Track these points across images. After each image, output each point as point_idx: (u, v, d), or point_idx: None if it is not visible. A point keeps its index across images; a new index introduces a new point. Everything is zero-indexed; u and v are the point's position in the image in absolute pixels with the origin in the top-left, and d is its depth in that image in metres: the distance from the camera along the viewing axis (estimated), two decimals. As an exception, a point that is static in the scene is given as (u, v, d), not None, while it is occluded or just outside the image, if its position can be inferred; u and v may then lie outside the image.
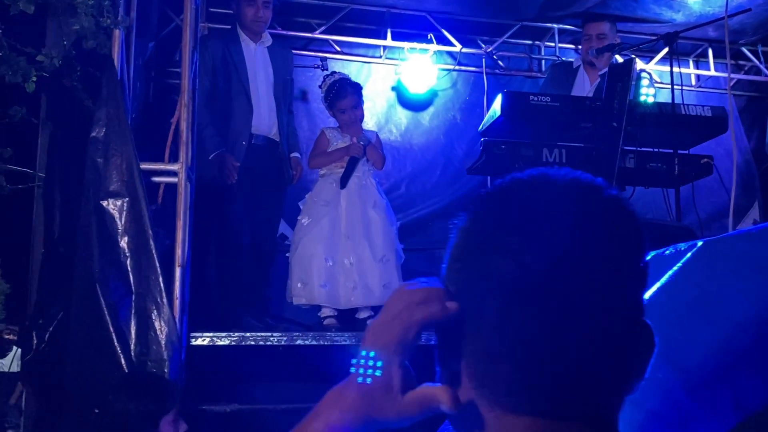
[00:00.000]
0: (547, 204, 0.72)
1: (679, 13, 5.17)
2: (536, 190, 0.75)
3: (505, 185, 0.78)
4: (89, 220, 2.82)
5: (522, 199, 0.74)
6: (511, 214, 0.73)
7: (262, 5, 4.06)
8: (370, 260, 3.68)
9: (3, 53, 3.58)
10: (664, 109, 4.07)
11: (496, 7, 5.35)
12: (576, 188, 0.75)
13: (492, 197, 0.78)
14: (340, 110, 3.98)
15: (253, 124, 4.05)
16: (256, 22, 4.08)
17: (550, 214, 0.70)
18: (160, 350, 2.73)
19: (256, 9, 4.06)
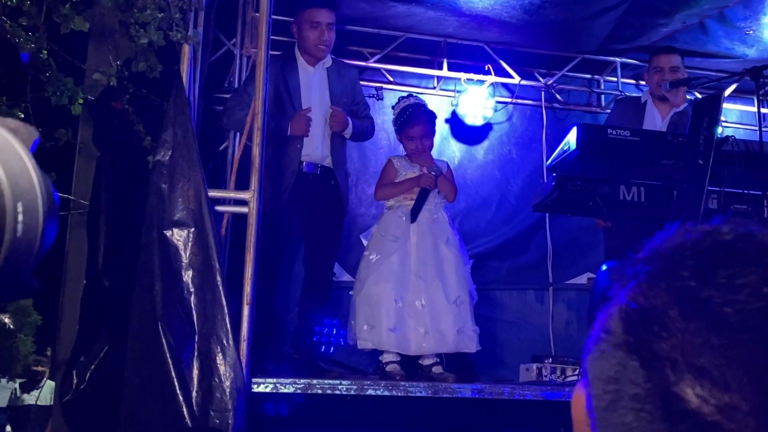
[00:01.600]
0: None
1: (752, 48, 4.93)
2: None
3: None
4: (151, 251, 2.57)
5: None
6: None
7: (326, 28, 3.85)
8: (443, 302, 3.38)
9: (51, 73, 3.40)
10: (752, 148, 3.81)
11: (556, 39, 5.14)
12: None
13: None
14: (409, 137, 3.72)
15: (304, 152, 3.81)
16: (319, 46, 3.86)
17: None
18: (224, 398, 2.45)
19: (321, 32, 3.84)
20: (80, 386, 3.19)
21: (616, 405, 0.51)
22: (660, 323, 0.50)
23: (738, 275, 0.50)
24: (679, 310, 0.50)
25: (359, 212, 5.05)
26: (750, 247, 0.51)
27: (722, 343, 0.48)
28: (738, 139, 3.86)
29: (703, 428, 0.47)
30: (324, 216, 3.83)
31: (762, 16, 4.60)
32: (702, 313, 0.49)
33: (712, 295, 0.49)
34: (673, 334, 0.49)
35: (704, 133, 3.67)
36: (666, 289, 0.51)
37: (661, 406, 0.49)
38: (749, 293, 0.49)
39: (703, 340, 0.48)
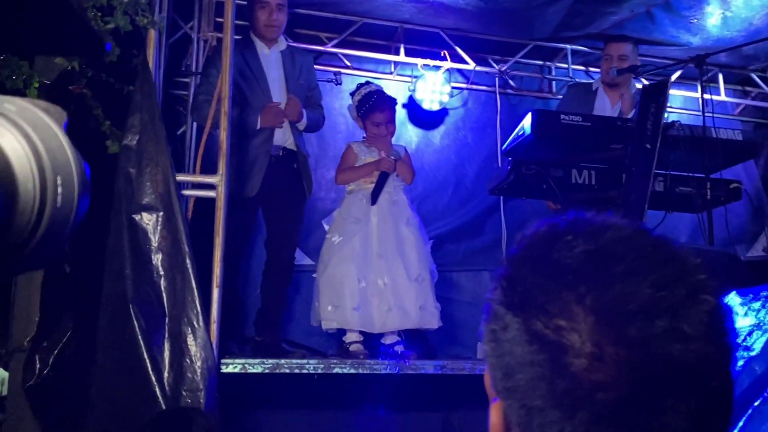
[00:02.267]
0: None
1: (696, 36, 5.13)
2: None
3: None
4: (120, 235, 2.59)
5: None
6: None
7: (275, 8, 3.88)
8: (405, 280, 3.48)
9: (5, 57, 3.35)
10: (696, 132, 3.98)
11: (510, 26, 5.25)
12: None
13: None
14: (375, 123, 3.80)
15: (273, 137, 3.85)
16: (269, 26, 3.89)
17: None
18: (196, 379, 2.50)
19: (270, 12, 3.87)
20: (44, 371, 3.18)
21: (501, 348, 0.68)
22: (521, 281, 0.68)
23: (572, 242, 0.68)
24: (532, 268, 0.68)
25: (319, 196, 5.09)
26: (583, 226, 0.70)
27: (558, 286, 0.65)
28: (683, 124, 4.03)
29: (556, 348, 0.63)
30: (286, 199, 3.87)
31: (705, 6, 4.79)
32: (544, 268, 0.68)
33: (554, 256, 0.68)
34: (528, 287, 0.67)
35: (652, 119, 3.82)
36: (525, 259, 0.70)
37: (529, 342, 0.65)
38: (581, 251, 0.67)
39: (545, 286, 0.66)
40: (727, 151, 4.00)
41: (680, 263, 0.67)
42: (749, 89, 6.05)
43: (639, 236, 0.69)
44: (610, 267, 0.65)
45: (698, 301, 0.64)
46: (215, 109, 2.92)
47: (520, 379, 0.66)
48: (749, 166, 5.72)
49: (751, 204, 5.67)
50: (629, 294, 0.63)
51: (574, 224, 0.71)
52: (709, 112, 4.02)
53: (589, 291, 0.64)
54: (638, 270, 0.65)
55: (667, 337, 0.62)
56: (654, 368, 0.62)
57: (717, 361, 0.64)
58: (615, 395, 0.62)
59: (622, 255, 0.66)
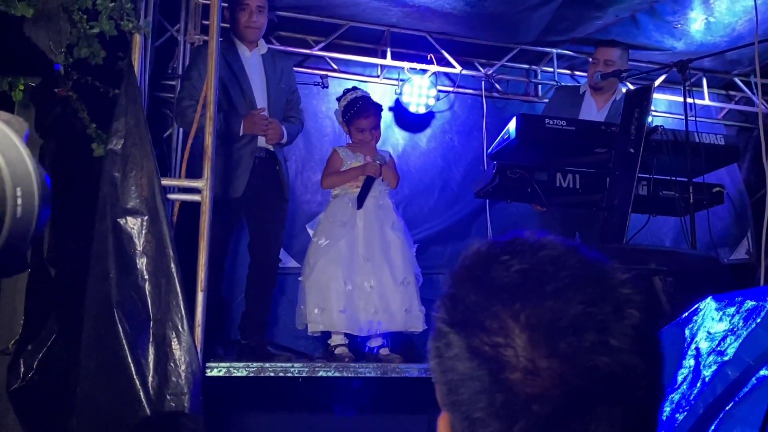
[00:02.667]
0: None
1: (680, 41, 5.17)
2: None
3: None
4: (105, 239, 2.59)
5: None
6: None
7: (255, 10, 3.89)
8: (391, 284, 3.51)
9: (-11, 59, 3.34)
10: (679, 137, 4.02)
11: (496, 30, 5.28)
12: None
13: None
14: (359, 129, 3.83)
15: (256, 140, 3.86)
16: (249, 28, 3.91)
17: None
18: (180, 382, 2.51)
19: (249, 14, 3.89)
20: (28, 374, 3.18)
21: (445, 364, 0.72)
22: (461, 300, 0.72)
23: (508, 261, 0.72)
24: (471, 287, 0.72)
25: (305, 199, 5.11)
26: (519, 246, 0.74)
27: (495, 304, 0.70)
28: (666, 128, 4.07)
29: (495, 363, 0.68)
30: (268, 201, 3.88)
31: (689, 11, 4.84)
32: (482, 287, 0.72)
33: (492, 275, 0.72)
34: (468, 306, 0.71)
35: (635, 123, 3.86)
36: (465, 278, 0.74)
37: (470, 359, 0.69)
38: (516, 270, 0.71)
39: (483, 304, 0.70)
40: (709, 155, 4.04)
41: (607, 280, 0.71)
42: (733, 93, 6.11)
43: (570, 255, 0.73)
44: (542, 285, 0.70)
45: (624, 316, 0.69)
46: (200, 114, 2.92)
47: (463, 393, 0.69)
48: (732, 169, 5.79)
49: (734, 207, 5.74)
50: (560, 310, 0.68)
51: (511, 244, 0.75)
52: (692, 116, 4.07)
53: (524, 308, 0.68)
54: (568, 288, 0.69)
55: (595, 350, 0.66)
56: (584, 380, 0.66)
57: (643, 372, 0.68)
58: (549, 407, 0.66)
59: (554, 273, 0.70)
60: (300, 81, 5.07)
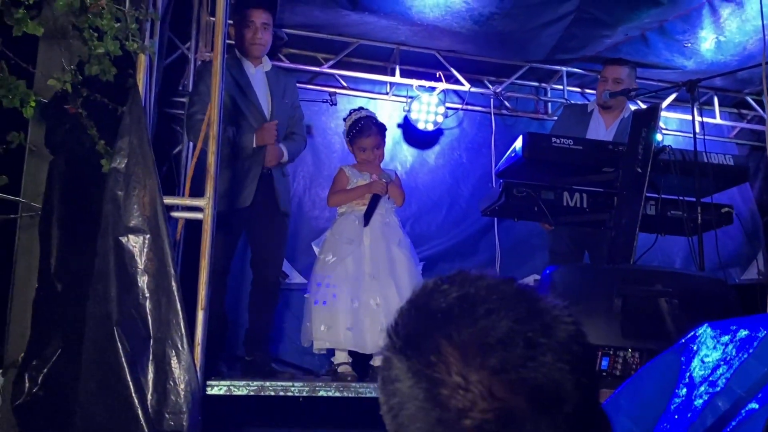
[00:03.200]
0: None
1: (690, 60, 5.15)
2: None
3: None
4: (107, 257, 2.61)
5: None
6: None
7: (260, 27, 3.93)
8: (398, 301, 3.49)
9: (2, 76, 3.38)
10: (687, 157, 4.00)
11: (505, 48, 5.29)
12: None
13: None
14: (361, 148, 3.86)
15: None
16: (254, 44, 3.94)
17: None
18: (179, 401, 2.51)
19: (255, 31, 3.92)
20: (32, 390, 3.19)
21: (389, 389, 0.75)
22: (403, 327, 0.76)
23: (448, 290, 0.76)
24: (412, 315, 0.76)
25: (313, 215, 5.12)
26: (461, 277, 0.78)
27: (431, 327, 0.73)
28: (674, 148, 4.05)
29: (430, 381, 0.71)
30: (268, 216, 3.89)
31: (699, 30, 4.82)
32: (421, 312, 0.76)
33: (430, 302, 0.76)
34: (408, 331, 0.75)
35: (643, 143, 3.84)
36: (408, 308, 0.78)
37: (410, 379, 0.72)
38: (453, 297, 0.75)
39: (420, 328, 0.74)
40: (718, 175, 4.01)
41: (538, 302, 0.75)
42: (745, 112, 6.08)
43: (505, 283, 0.77)
44: (474, 306, 0.74)
45: (552, 333, 0.72)
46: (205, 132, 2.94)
47: (404, 416, 0.73)
48: (744, 189, 5.74)
49: (745, 227, 5.68)
50: (490, 328, 0.71)
51: (454, 276, 0.80)
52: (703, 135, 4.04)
53: (456, 328, 0.72)
54: (499, 309, 0.73)
55: (522, 364, 0.69)
56: (512, 393, 0.68)
57: (573, 388, 0.70)
58: (479, 420, 0.68)
59: (486, 297, 0.75)
60: (309, 98, 5.12)
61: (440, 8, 4.56)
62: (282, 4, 4.57)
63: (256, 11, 3.92)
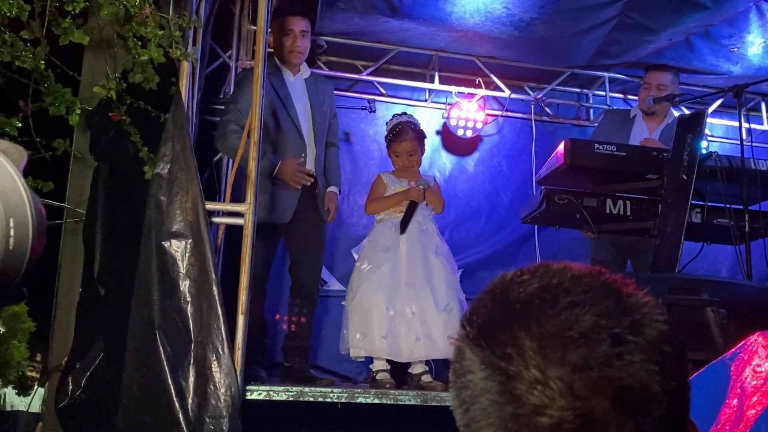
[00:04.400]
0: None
1: (737, 65, 5.04)
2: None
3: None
4: (149, 262, 2.64)
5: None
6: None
7: (299, 35, 3.94)
8: (434, 310, 3.46)
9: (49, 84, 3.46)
10: (734, 163, 3.90)
11: (546, 54, 5.24)
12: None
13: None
14: (395, 153, 3.85)
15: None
16: (293, 52, 3.95)
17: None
18: (219, 405, 2.52)
19: (294, 39, 3.93)
20: (76, 392, 3.24)
21: (461, 382, 0.72)
22: (478, 317, 0.73)
23: (528, 280, 0.72)
24: (488, 305, 0.73)
25: (351, 222, 5.13)
26: (542, 269, 0.74)
27: (508, 318, 0.70)
28: (721, 154, 3.96)
29: (505, 375, 0.67)
30: (309, 224, 3.90)
31: (746, 34, 4.72)
32: (498, 303, 0.72)
33: (509, 293, 0.72)
34: (483, 321, 0.72)
35: (688, 149, 3.77)
36: (485, 298, 0.75)
37: (483, 371, 0.69)
38: (534, 287, 0.71)
39: (498, 318, 0.71)
40: (766, 182, 3.91)
41: (626, 297, 0.70)
42: (795, 120, 5.92)
43: (591, 276, 0.72)
44: (557, 298, 0.69)
45: (642, 332, 0.67)
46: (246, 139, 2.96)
47: (476, 410, 0.69)
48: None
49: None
50: (573, 322, 0.67)
51: (535, 267, 0.75)
52: (750, 142, 3.95)
53: (536, 320, 0.68)
54: (584, 302, 0.68)
55: (607, 362, 0.65)
56: (593, 392, 0.64)
57: (661, 392, 0.65)
58: (557, 418, 0.64)
59: (569, 289, 0.70)
60: (348, 105, 5.14)
61: (480, 14, 4.53)
62: (321, 12, 4.59)
63: (295, 19, 3.94)
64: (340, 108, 5.07)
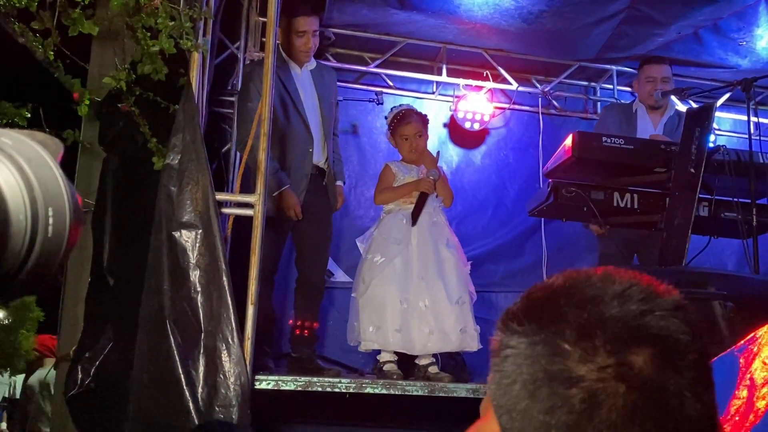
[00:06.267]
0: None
1: (745, 59, 5.03)
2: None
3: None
4: (160, 252, 2.65)
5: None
6: None
7: (312, 35, 3.95)
8: (446, 303, 3.47)
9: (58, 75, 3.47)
10: (742, 157, 3.90)
11: (554, 47, 5.23)
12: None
13: None
14: (403, 137, 3.83)
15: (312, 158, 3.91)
16: (305, 52, 3.97)
17: None
18: (229, 395, 2.54)
19: (306, 40, 3.94)
20: (85, 382, 3.26)
21: (505, 361, 0.74)
22: (527, 297, 0.78)
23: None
24: (540, 287, 0.78)
25: (358, 214, 5.14)
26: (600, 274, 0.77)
27: (553, 297, 0.74)
28: (729, 148, 3.96)
29: (551, 351, 0.70)
30: (315, 216, 3.91)
31: (755, 28, 4.70)
32: (550, 286, 0.77)
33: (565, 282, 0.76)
34: (532, 300, 0.76)
35: (696, 143, 3.77)
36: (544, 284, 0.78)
37: (528, 347, 0.72)
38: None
39: (548, 298, 0.75)
40: (773, 176, 3.91)
41: (660, 290, 0.74)
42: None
43: (640, 270, 0.77)
44: (586, 279, 0.74)
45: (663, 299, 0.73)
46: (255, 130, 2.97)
47: (517, 388, 0.72)
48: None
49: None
50: (605, 290, 0.72)
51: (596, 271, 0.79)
52: (758, 136, 3.94)
53: (573, 294, 0.73)
54: (610, 279, 0.73)
55: (640, 314, 0.70)
56: (629, 339, 0.68)
57: (689, 339, 0.71)
58: (600, 364, 0.68)
59: (593, 273, 0.76)
60: (356, 97, 5.14)
61: (489, 6, 4.53)
62: (330, 4, 4.60)
63: (306, 19, 3.92)
64: (347, 100, 5.08)
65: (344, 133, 5.03)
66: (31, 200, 0.56)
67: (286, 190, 3.68)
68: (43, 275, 0.57)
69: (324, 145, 3.99)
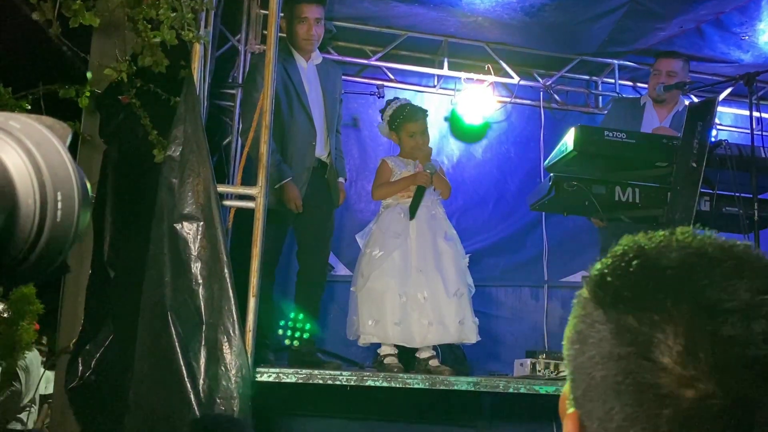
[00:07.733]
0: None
1: (747, 53, 5.02)
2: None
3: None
4: (161, 244, 2.65)
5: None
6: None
7: (314, 22, 3.94)
8: (444, 295, 3.47)
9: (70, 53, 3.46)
10: (744, 152, 3.89)
11: (556, 41, 5.21)
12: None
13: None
14: (410, 134, 3.82)
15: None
16: (308, 40, 3.96)
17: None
18: (230, 386, 2.54)
19: (308, 27, 3.93)
20: (86, 374, 3.26)
21: (586, 346, 0.68)
22: (613, 278, 0.69)
23: (668, 245, 0.69)
24: (626, 266, 0.68)
25: (358, 208, 5.13)
26: (684, 234, 0.70)
27: (653, 283, 0.66)
28: (731, 142, 3.95)
29: (646, 342, 0.63)
30: (317, 209, 3.91)
31: (757, 22, 4.69)
32: (639, 266, 0.68)
33: (648, 257, 0.68)
34: (622, 284, 0.68)
35: (698, 137, 3.76)
36: (620, 260, 0.70)
37: (617, 335, 0.65)
38: (677, 254, 0.67)
39: (640, 282, 0.67)
40: (775, 171, 3.90)
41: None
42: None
43: (737, 245, 0.68)
44: (708, 268, 0.65)
45: None
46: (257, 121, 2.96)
47: (605, 377, 0.65)
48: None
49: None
50: (728, 294, 0.63)
51: (682, 233, 0.71)
52: (760, 131, 3.94)
53: (687, 289, 0.64)
54: (737, 274, 0.64)
55: (764, 340, 0.61)
56: (746, 371, 0.61)
57: None
58: (702, 392, 0.61)
59: (722, 259, 0.66)
60: (357, 91, 5.12)
61: (491, -1, 4.52)
62: (333, -5, 4.58)
63: (309, 6, 3.92)
64: (348, 93, 5.06)
65: (345, 127, 5.02)
66: (39, 184, 0.55)
67: (288, 182, 3.67)
68: (51, 260, 0.57)
69: (327, 139, 3.98)
